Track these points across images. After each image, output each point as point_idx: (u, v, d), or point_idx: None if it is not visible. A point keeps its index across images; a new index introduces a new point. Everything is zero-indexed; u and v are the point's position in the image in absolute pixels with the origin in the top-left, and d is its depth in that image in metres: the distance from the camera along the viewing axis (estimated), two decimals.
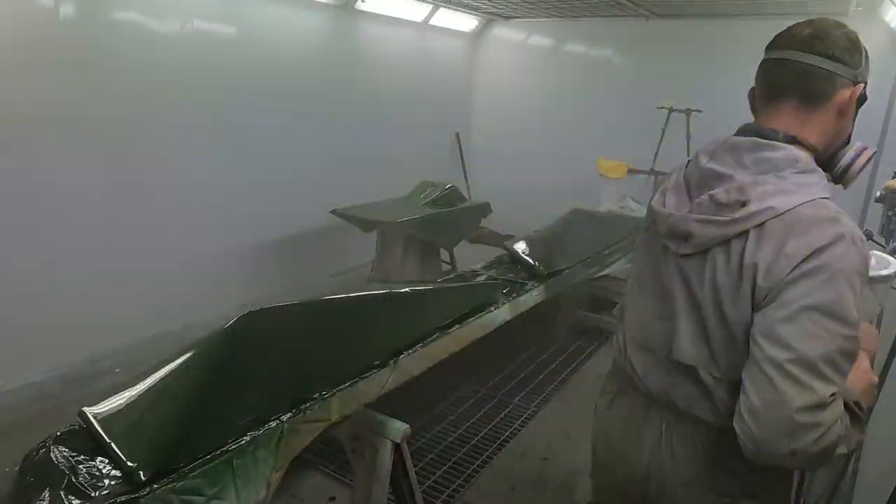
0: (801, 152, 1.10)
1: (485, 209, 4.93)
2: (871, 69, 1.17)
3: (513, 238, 3.61)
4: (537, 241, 3.44)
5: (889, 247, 2.42)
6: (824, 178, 1.10)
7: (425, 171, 5.36)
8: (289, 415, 1.65)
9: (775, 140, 1.10)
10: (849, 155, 1.16)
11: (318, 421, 1.73)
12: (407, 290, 2.44)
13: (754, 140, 1.11)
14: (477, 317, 2.52)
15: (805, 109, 1.11)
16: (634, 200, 4.81)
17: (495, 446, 2.89)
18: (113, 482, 1.37)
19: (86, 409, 1.56)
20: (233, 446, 1.51)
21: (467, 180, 6.54)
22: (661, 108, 5.39)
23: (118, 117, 3.50)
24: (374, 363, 1.98)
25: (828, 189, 1.08)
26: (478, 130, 6.84)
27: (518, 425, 3.09)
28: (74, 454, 1.43)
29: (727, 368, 1.09)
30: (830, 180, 1.17)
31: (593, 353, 3.97)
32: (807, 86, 1.10)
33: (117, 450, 1.42)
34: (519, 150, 6.46)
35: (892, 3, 3.95)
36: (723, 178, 1.11)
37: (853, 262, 0.97)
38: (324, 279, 5.01)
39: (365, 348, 2.02)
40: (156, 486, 1.35)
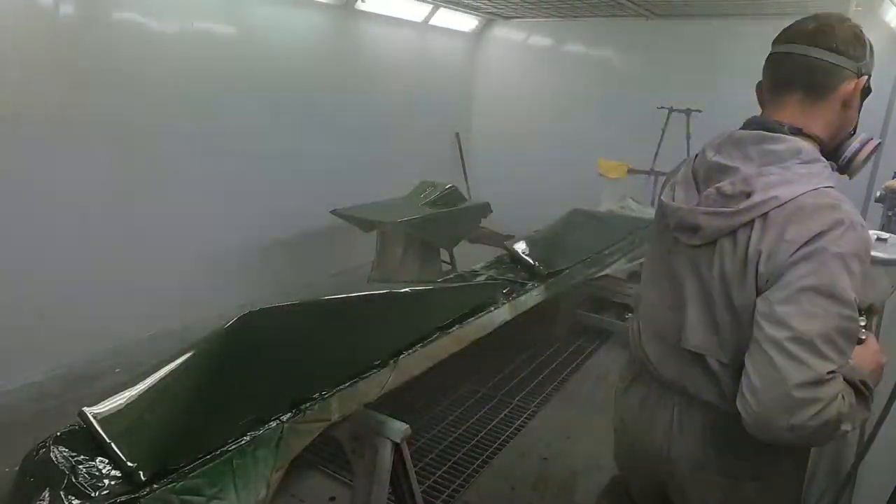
0: (805, 143, 1.12)
1: (485, 209, 4.92)
2: (871, 69, 1.17)
3: (513, 238, 3.61)
4: (537, 241, 3.44)
5: None
6: (828, 168, 1.12)
7: (425, 171, 5.36)
8: (289, 415, 1.65)
9: (781, 132, 1.13)
10: (853, 146, 1.19)
11: (318, 421, 1.73)
12: (407, 290, 2.45)
13: (759, 133, 1.14)
14: (477, 317, 2.52)
15: (810, 101, 1.15)
16: (634, 200, 4.82)
17: (495, 446, 2.89)
18: (113, 482, 1.37)
19: (86, 409, 1.57)
20: (233, 446, 1.51)
21: (467, 180, 6.54)
22: (661, 108, 5.40)
23: (118, 117, 3.50)
24: (374, 363, 1.98)
25: (831, 178, 1.10)
26: (478, 130, 6.84)
27: (518, 425, 3.09)
28: (74, 454, 1.43)
29: (734, 355, 1.12)
30: (836, 170, 1.20)
31: (593, 353, 3.98)
32: (811, 78, 1.13)
33: (117, 450, 1.42)
34: (519, 150, 6.46)
35: (892, 3, 3.95)
36: (728, 170, 1.14)
37: (851, 246, 1.00)
38: (324, 279, 5.01)
39: (365, 348, 2.02)
40: (156, 486, 1.35)
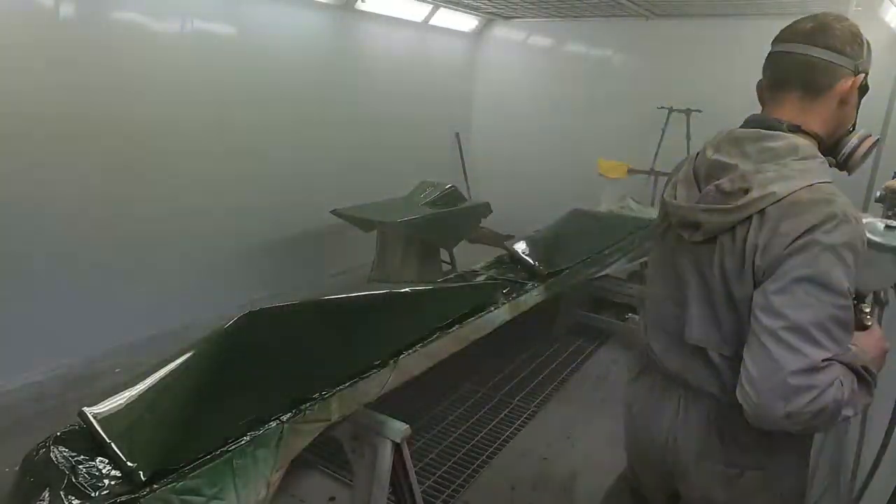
0: (802, 140, 1.15)
1: (485, 209, 4.92)
2: (870, 69, 1.19)
3: (513, 238, 3.61)
4: (537, 241, 3.44)
5: None
6: (825, 164, 1.15)
7: (425, 171, 5.36)
8: (289, 415, 1.65)
9: (779, 129, 1.16)
10: (852, 142, 1.22)
11: (318, 421, 1.73)
12: (407, 290, 2.45)
13: (756, 131, 1.17)
14: (477, 317, 2.52)
15: (808, 99, 1.18)
16: (634, 200, 4.82)
17: (495, 446, 2.89)
18: (113, 482, 1.37)
19: (86, 409, 1.57)
20: (233, 446, 1.51)
21: (467, 180, 6.54)
22: (661, 108, 5.40)
23: (117, 117, 3.50)
24: (374, 363, 1.98)
25: (828, 174, 1.13)
26: (478, 130, 6.83)
27: (518, 425, 3.09)
28: (74, 454, 1.43)
29: (735, 349, 1.14)
30: (835, 166, 1.23)
31: (593, 353, 3.98)
32: (809, 76, 1.16)
33: (117, 450, 1.42)
34: (519, 150, 6.46)
35: (892, 3, 3.95)
36: (727, 168, 1.17)
37: (843, 237, 1.02)
38: (324, 279, 5.01)
39: (365, 348, 2.01)
40: (156, 486, 1.35)
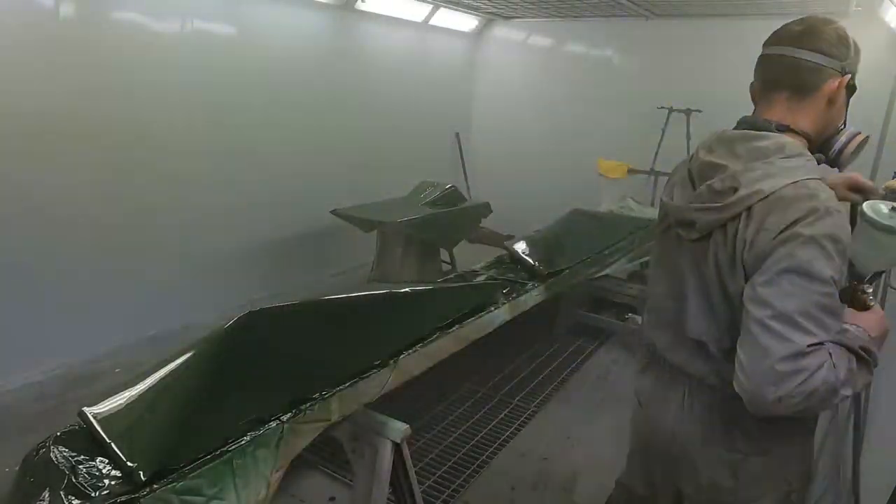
0: (790, 139, 1.20)
1: (485, 209, 4.92)
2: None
3: (513, 238, 3.61)
4: (537, 241, 3.44)
5: None
6: (811, 161, 1.19)
7: (425, 171, 5.36)
8: (289, 415, 1.65)
9: (768, 129, 1.21)
10: (841, 139, 1.28)
11: (318, 421, 1.73)
12: (407, 290, 2.45)
13: (745, 132, 1.24)
14: (477, 317, 2.52)
15: (797, 99, 1.23)
16: (634, 200, 4.82)
17: (495, 446, 2.89)
18: (113, 482, 1.37)
19: (86, 409, 1.57)
20: (233, 446, 1.51)
21: (467, 180, 6.54)
22: (661, 108, 5.40)
23: (117, 117, 3.50)
24: (374, 363, 1.98)
25: (815, 171, 1.17)
26: (478, 130, 6.83)
27: (518, 425, 3.09)
28: (74, 454, 1.43)
29: (732, 342, 1.18)
30: (826, 163, 1.29)
31: (593, 353, 3.98)
32: (798, 77, 1.22)
33: (117, 450, 1.42)
34: (519, 150, 6.46)
35: (892, 3, 3.95)
36: (718, 168, 1.22)
37: (824, 229, 1.07)
38: (324, 279, 5.01)
39: (365, 348, 2.01)
40: (156, 486, 1.35)
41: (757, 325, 1.08)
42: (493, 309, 2.64)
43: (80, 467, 1.39)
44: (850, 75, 1.22)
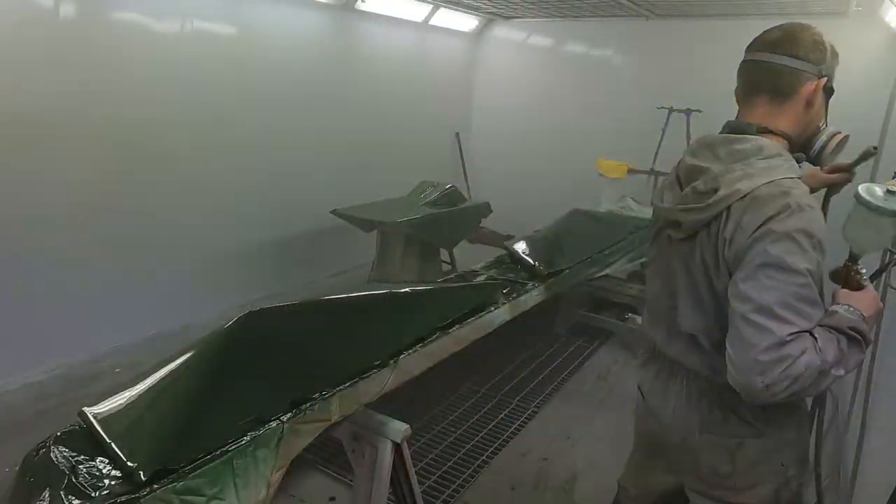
0: (768, 141, 1.25)
1: (485, 209, 4.92)
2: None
3: (513, 238, 3.61)
4: (537, 241, 3.44)
5: None
6: (790, 161, 1.25)
7: (425, 171, 5.36)
8: (289, 415, 1.65)
9: (749, 132, 1.27)
10: (821, 139, 1.33)
11: (318, 421, 1.73)
12: (407, 290, 2.45)
13: (726, 136, 1.30)
14: (477, 317, 2.52)
15: (777, 102, 1.28)
16: (634, 200, 4.81)
17: (495, 446, 2.89)
18: (113, 482, 1.37)
19: (86, 409, 1.57)
20: (233, 446, 1.51)
21: (467, 180, 6.54)
22: (661, 108, 5.39)
23: (117, 117, 3.49)
24: (374, 363, 1.98)
25: (793, 170, 1.22)
26: (478, 130, 6.83)
27: (518, 425, 3.09)
28: (74, 454, 1.44)
29: (721, 335, 1.23)
30: (808, 161, 1.35)
31: (593, 353, 3.98)
32: (776, 81, 1.27)
33: (117, 450, 1.43)
34: (519, 150, 6.45)
35: (893, 4, 3.94)
36: (702, 171, 1.28)
37: (796, 224, 1.12)
38: (324, 279, 5.01)
39: (365, 348, 2.02)
40: (156, 486, 1.35)
41: (740, 320, 1.13)
42: (493, 309, 2.64)
43: (81, 467, 1.40)
44: (826, 78, 1.28)
